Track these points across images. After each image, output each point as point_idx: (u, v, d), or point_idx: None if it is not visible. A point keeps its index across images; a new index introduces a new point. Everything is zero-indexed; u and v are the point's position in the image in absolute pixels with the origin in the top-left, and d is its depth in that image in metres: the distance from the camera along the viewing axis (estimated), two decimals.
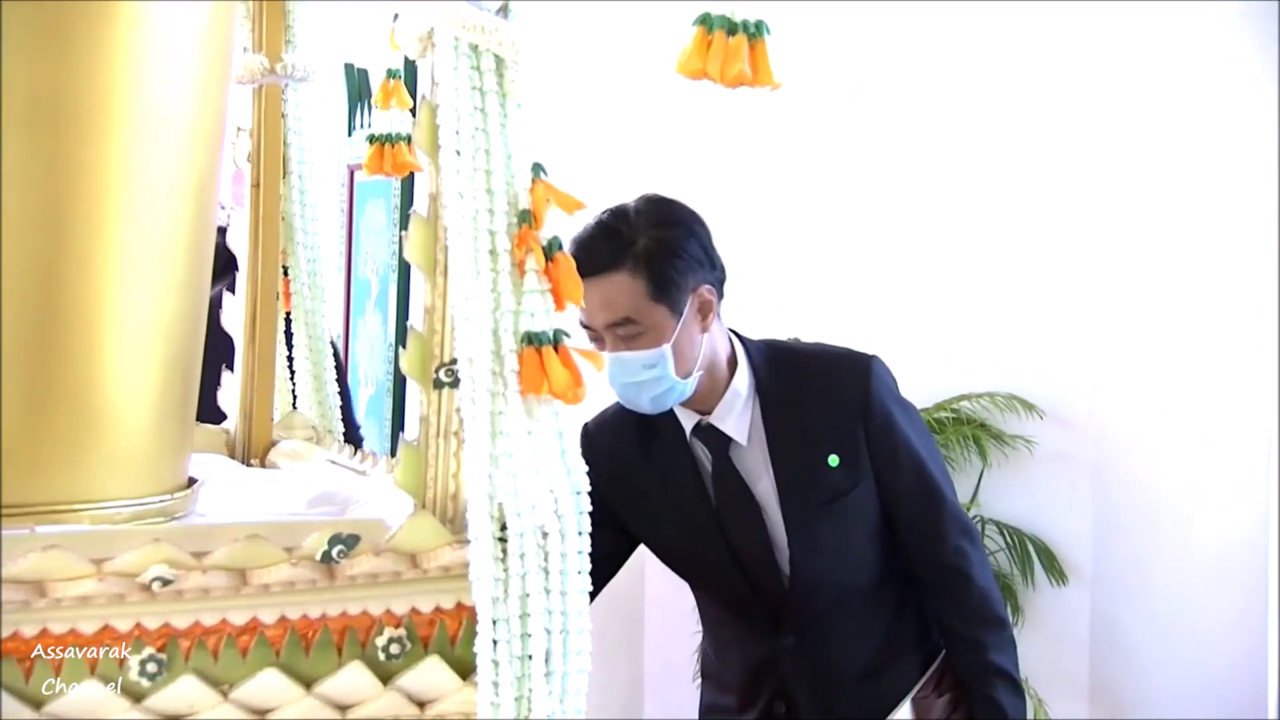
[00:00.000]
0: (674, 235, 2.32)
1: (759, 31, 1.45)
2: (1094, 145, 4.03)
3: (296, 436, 2.28)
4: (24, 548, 1.37)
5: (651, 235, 2.29)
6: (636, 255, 2.27)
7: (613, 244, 2.29)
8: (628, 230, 2.30)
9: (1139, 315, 3.99)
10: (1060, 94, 4.07)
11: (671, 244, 2.29)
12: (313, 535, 1.46)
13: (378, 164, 2.22)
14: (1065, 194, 4.07)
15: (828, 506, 2.32)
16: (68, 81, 1.56)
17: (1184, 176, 3.91)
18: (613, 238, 2.29)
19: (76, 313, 1.59)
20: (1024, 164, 4.12)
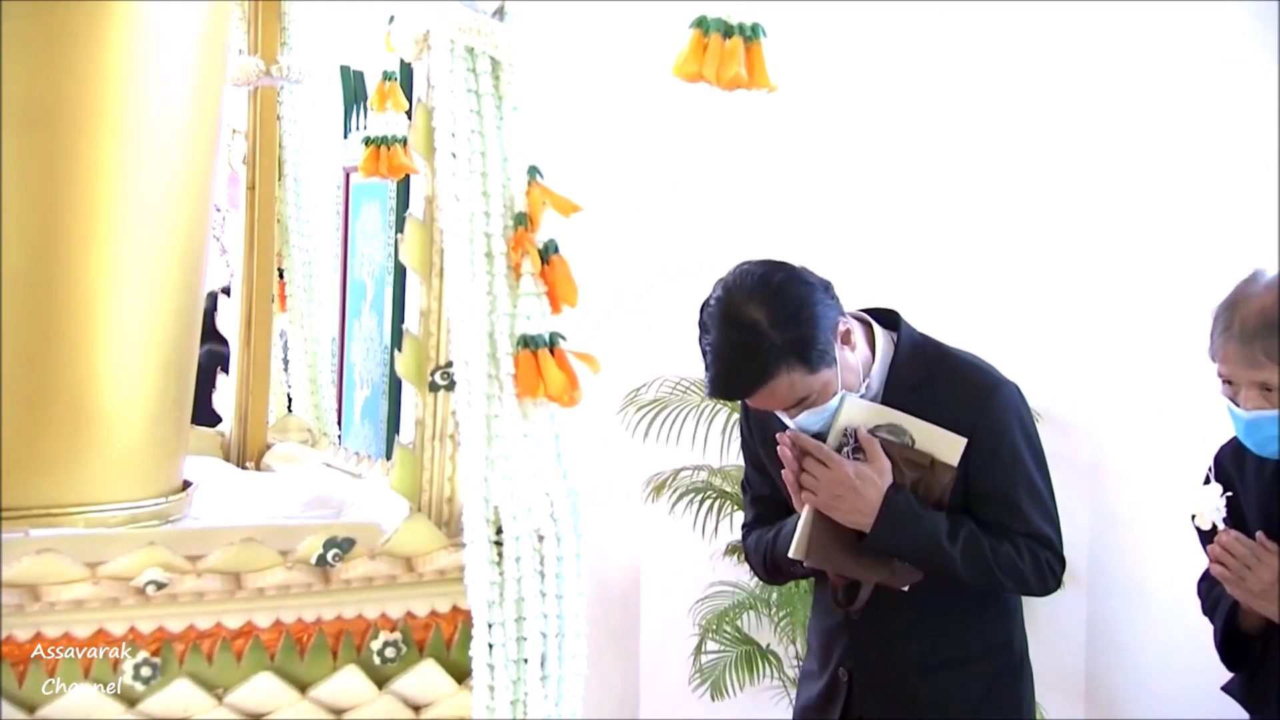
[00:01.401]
0: (801, 316, 2.32)
1: (755, 34, 1.45)
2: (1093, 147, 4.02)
3: (292, 439, 2.28)
4: (18, 551, 1.37)
5: (784, 334, 2.30)
6: (784, 356, 2.30)
7: (757, 361, 2.30)
8: (762, 341, 2.30)
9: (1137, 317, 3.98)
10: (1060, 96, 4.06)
11: (806, 330, 2.30)
12: (308, 539, 1.46)
13: (373, 166, 2.22)
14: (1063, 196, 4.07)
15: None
16: (64, 83, 1.56)
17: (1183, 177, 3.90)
18: (752, 356, 2.31)
19: (71, 316, 1.59)
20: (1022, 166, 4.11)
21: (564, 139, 3.88)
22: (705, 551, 4.12)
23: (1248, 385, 2.31)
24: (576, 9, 4.00)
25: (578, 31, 4.14)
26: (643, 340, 4.24)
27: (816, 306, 2.33)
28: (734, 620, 4.01)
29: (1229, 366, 2.34)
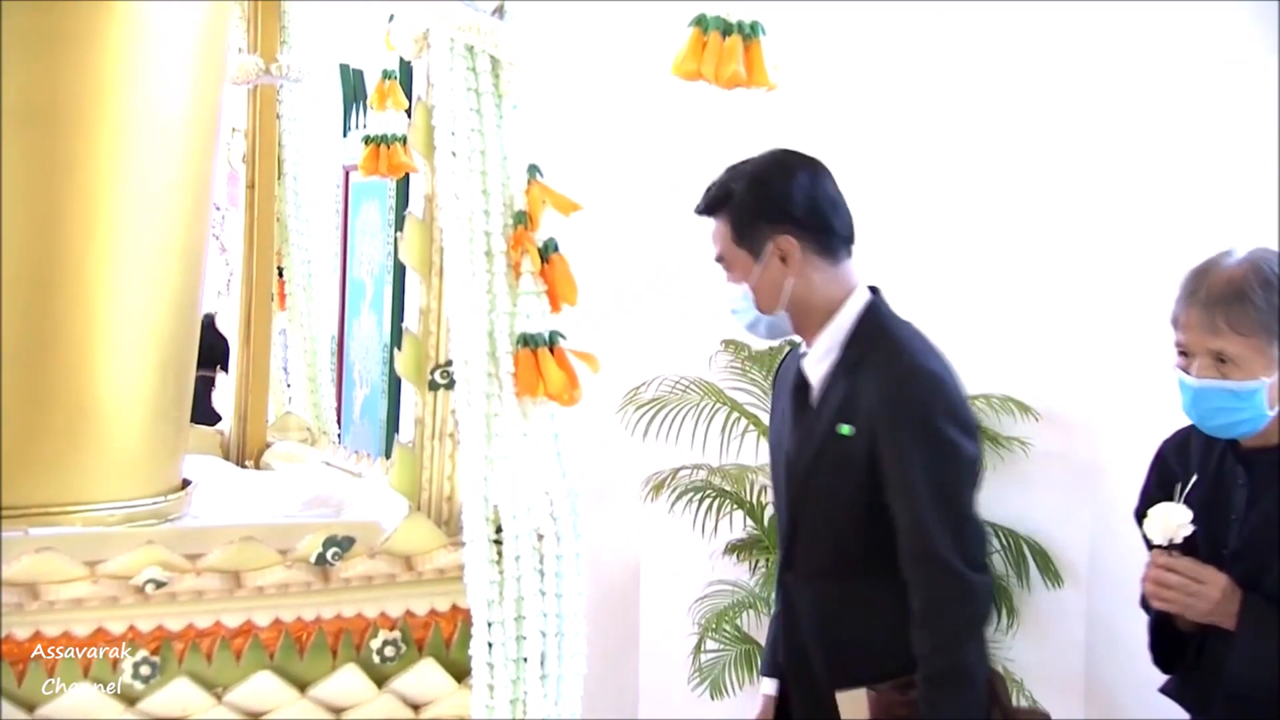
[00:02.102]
0: (768, 191, 2.48)
1: (754, 32, 1.44)
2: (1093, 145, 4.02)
3: (291, 438, 2.28)
4: (18, 550, 1.37)
5: (745, 188, 2.47)
6: (728, 204, 2.47)
7: (715, 192, 2.52)
8: (732, 180, 2.50)
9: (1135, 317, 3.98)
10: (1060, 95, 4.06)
11: (758, 204, 2.46)
12: (307, 537, 1.46)
13: (373, 165, 2.21)
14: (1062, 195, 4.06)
15: (820, 458, 2.37)
16: (63, 82, 1.56)
17: (1183, 177, 3.90)
18: (718, 186, 2.52)
19: (70, 315, 1.59)
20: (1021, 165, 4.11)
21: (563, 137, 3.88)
22: (704, 550, 4.12)
23: (1203, 354, 2.29)
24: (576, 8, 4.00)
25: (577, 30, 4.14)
26: (642, 339, 4.24)
27: (789, 203, 2.46)
28: (733, 619, 4.01)
29: (1189, 333, 2.32)
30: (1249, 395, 2.28)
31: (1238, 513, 2.36)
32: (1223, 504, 2.38)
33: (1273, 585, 2.29)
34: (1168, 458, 2.53)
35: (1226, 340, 2.28)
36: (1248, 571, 2.31)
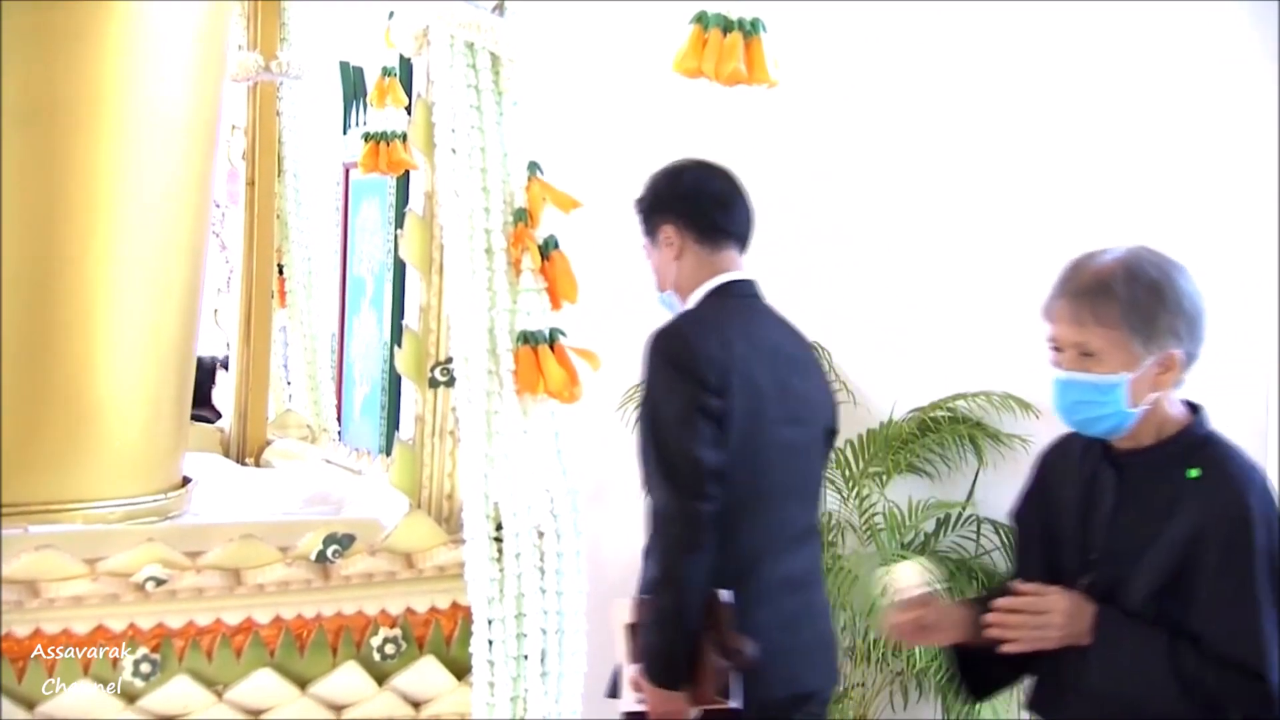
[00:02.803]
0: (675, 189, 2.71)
1: (754, 29, 1.44)
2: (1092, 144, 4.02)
3: (291, 435, 2.28)
4: (18, 548, 1.37)
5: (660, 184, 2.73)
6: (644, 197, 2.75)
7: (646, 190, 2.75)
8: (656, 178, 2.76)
9: None
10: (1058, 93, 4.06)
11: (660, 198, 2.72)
12: (308, 535, 1.46)
13: (373, 162, 2.21)
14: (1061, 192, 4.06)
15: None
16: (63, 80, 1.56)
17: (1183, 176, 3.90)
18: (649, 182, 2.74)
19: (71, 312, 1.58)
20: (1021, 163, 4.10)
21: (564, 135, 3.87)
22: None
23: (1069, 347, 2.28)
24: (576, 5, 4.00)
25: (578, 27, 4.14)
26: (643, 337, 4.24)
27: (672, 198, 2.67)
28: None
29: (1058, 326, 2.31)
30: (1110, 390, 2.25)
31: (1104, 516, 2.33)
32: (1093, 507, 2.35)
33: (1133, 594, 2.27)
34: (1051, 460, 2.51)
35: (1090, 333, 2.25)
36: (1108, 578, 2.29)
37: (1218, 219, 3.84)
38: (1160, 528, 2.24)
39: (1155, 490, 2.27)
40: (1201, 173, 3.86)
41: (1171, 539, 2.22)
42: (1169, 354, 2.23)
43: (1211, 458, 2.28)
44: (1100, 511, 2.33)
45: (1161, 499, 2.26)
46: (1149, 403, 2.26)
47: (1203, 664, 2.20)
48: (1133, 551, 2.27)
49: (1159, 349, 2.23)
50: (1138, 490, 2.29)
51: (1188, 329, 2.25)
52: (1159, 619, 2.23)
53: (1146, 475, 2.29)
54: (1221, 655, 2.18)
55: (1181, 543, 2.22)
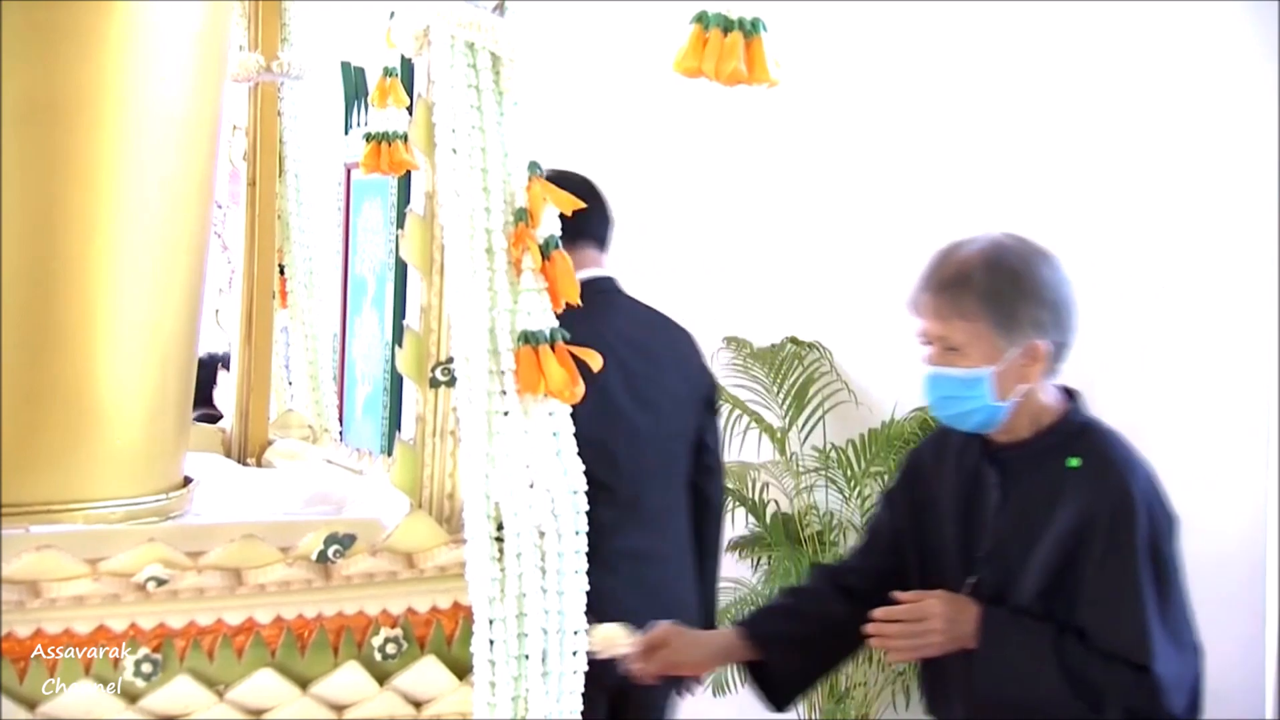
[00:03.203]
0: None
1: (755, 29, 1.44)
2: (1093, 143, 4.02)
3: (293, 435, 2.28)
4: (19, 548, 1.37)
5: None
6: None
7: None
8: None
9: (1137, 313, 3.98)
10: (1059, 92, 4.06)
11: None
12: (309, 535, 1.46)
13: (374, 162, 2.21)
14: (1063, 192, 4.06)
15: None
16: (64, 80, 1.56)
17: (1184, 175, 3.90)
18: None
19: (72, 312, 1.58)
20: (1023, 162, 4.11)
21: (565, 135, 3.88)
22: None
23: (934, 340, 2.26)
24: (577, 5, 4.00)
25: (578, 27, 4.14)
26: None
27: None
28: (735, 616, 4.01)
29: (922, 320, 2.28)
30: (975, 383, 2.22)
31: (988, 514, 2.30)
32: (976, 505, 2.32)
33: (1023, 592, 2.24)
34: (922, 460, 2.48)
35: (951, 327, 2.23)
36: (997, 575, 2.26)
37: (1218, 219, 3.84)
38: (1045, 521, 2.21)
39: (1037, 483, 2.24)
40: (1201, 173, 3.86)
41: (1057, 533, 2.19)
42: (1033, 345, 2.20)
43: (1091, 445, 2.24)
44: (983, 510, 2.29)
45: (1043, 492, 2.23)
46: (1018, 395, 2.22)
47: (1088, 659, 2.17)
48: (1019, 548, 2.23)
49: (1022, 340, 2.20)
50: (1020, 485, 2.26)
51: (1052, 318, 2.22)
52: (1049, 615, 2.20)
53: (1027, 469, 2.26)
54: (1106, 649, 2.15)
55: (1067, 535, 2.19)
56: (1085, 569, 2.17)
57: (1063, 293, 2.24)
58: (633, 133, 4.38)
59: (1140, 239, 3.98)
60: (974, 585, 2.25)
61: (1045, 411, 2.26)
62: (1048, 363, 2.23)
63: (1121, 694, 2.16)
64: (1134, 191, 3.99)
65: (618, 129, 4.38)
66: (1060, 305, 2.23)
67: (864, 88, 4.25)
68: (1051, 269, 2.26)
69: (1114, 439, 2.29)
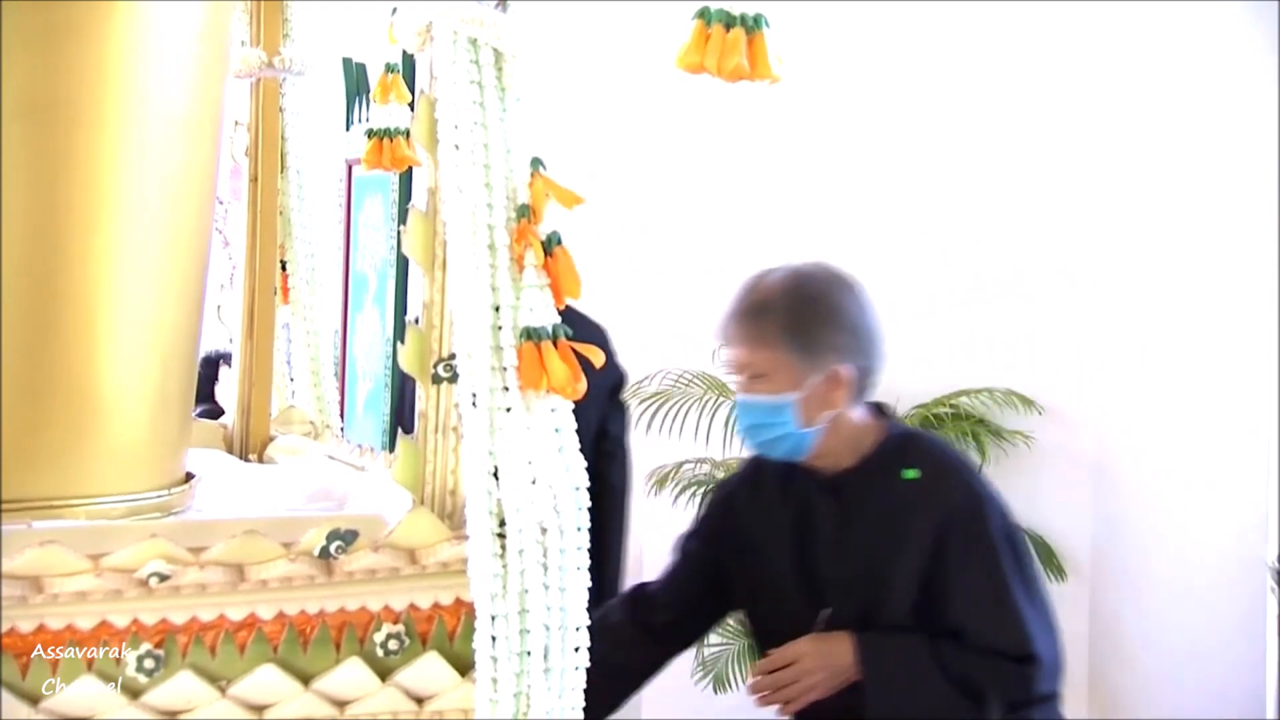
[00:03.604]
0: None
1: (757, 25, 1.44)
2: (1094, 142, 4.03)
3: (294, 431, 2.28)
4: (21, 543, 1.37)
5: None
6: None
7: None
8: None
9: (1138, 311, 3.98)
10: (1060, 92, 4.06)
11: None
12: (311, 531, 1.46)
13: (376, 158, 2.21)
14: (1065, 191, 4.07)
15: None
16: (65, 77, 1.55)
17: (1184, 174, 3.91)
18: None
19: (73, 307, 1.58)
20: (1024, 161, 4.11)
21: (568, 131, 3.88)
22: None
23: (742, 370, 2.28)
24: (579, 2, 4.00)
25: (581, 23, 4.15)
26: (645, 333, 4.24)
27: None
28: None
29: (730, 349, 2.30)
30: (780, 410, 2.23)
31: (827, 542, 2.30)
32: (811, 537, 2.32)
33: (892, 613, 2.25)
34: (735, 497, 2.47)
35: (756, 355, 2.25)
36: (857, 602, 2.26)
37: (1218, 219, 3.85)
38: (898, 537, 2.22)
39: (879, 502, 2.25)
40: (1201, 173, 3.86)
41: (914, 545, 2.20)
42: (835, 371, 2.22)
43: (921, 454, 2.27)
44: (820, 541, 2.29)
45: (888, 509, 2.24)
46: (824, 421, 2.23)
47: (967, 659, 2.19)
48: (877, 570, 2.24)
49: (824, 366, 2.22)
50: (861, 508, 2.26)
51: (853, 344, 2.24)
52: (926, 627, 2.21)
53: (864, 491, 2.27)
54: (987, 646, 2.17)
55: (925, 544, 2.20)
56: (951, 572, 2.19)
57: (863, 319, 2.27)
58: (634, 128, 4.38)
59: (1140, 239, 3.98)
60: (829, 617, 2.25)
61: (863, 433, 2.29)
62: (852, 388, 2.25)
63: (1003, 687, 2.18)
64: (1134, 191, 3.99)
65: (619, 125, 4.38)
66: (860, 330, 2.26)
67: (866, 84, 4.26)
68: (852, 296, 2.29)
69: (939, 444, 2.32)
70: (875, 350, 2.28)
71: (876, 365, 2.28)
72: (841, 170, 4.32)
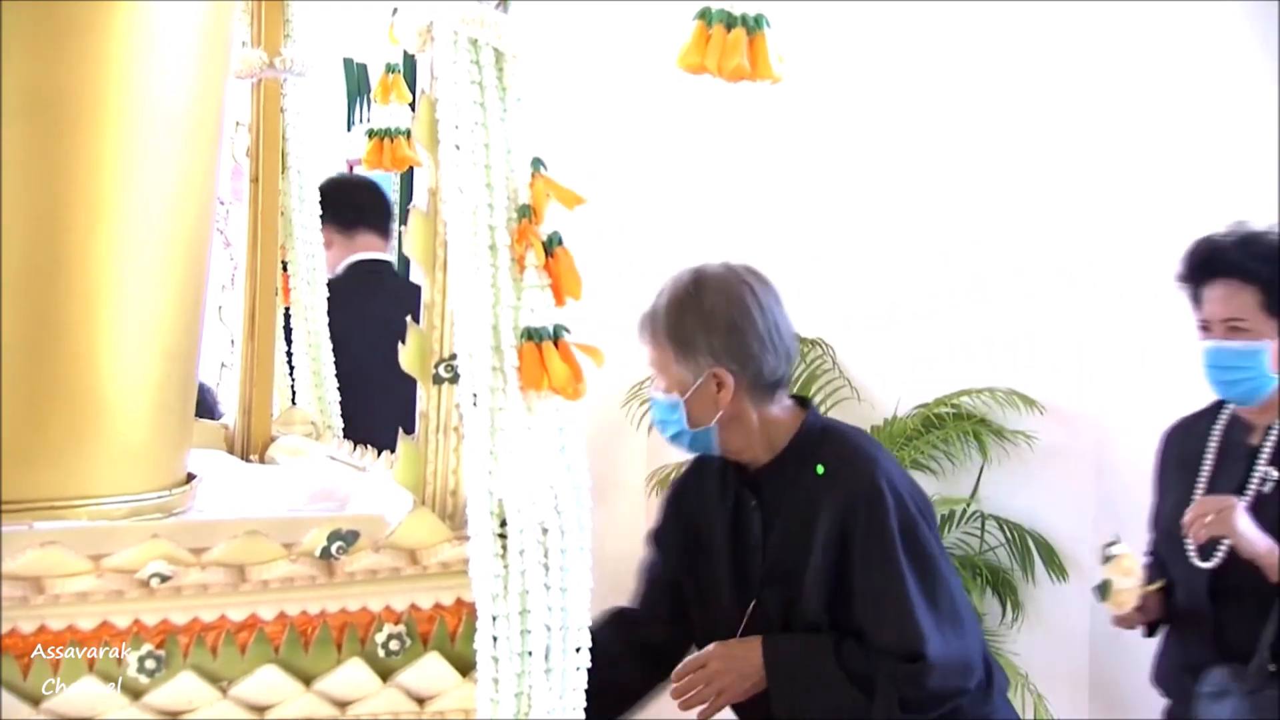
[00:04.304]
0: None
1: (758, 25, 1.44)
2: (1094, 142, 4.02)
3: (296, 432, 2.28)
4: (22, 544, 1.37)
5: None
6: None
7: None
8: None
9: (1139, 310, 3.98)
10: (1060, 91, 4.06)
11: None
12: (312, 531, 1.46)
13: (377, 159, 2.21)
14: (1065, 190, 4.07)
15: None
16: (66, 76, 1.55)
17: (1184, 174, 3.90)
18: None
19: (75, 307, 1.58)
20: (1025, 160, 4.11)
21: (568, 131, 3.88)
22: None
23: (653, 370, 2.33)
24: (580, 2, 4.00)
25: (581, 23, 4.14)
26: None
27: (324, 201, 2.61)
28: None
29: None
30: (674, 409, 2.28)
31: (755, 539, 2.33)
32: (743, 532, 2.35)
33: (809, 611, 2.26)
34: (686, 488, 2.51)
35: (651, 354, 2.33)
36: (780, 597, 2.28)
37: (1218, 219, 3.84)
38: (810, 533, 2.24)
39: (793, 498, 2.27)
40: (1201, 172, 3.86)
41: (821, 541, 2.22)
42: (712, 373, 2.25)
43: (831, 448, 2.28)
44: (750, 535, 2.32)
45: (801, 504, 2.26)
46: (719, 420, 2.26)
47: (867, 658, 2.20)
48: (794, 565, 2.26)
49: (702, 368, 2.25)
50: (779, 503, 2.29)
51: (730, 346, 2.26)
52: (838, 624, 2.23)
53: (782, 486, 2.29)
54: (881, 644, 2.18)
55: (831, 541, 2.22)
56: (855, 569, 2.21)
57: (744, 320, 2.29)
58: (635, 128, 4.38)
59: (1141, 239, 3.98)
60: (752, 611, 2.27)
61: (777, 428, 2.31)
62: (743, 387, 2.27)
63: (893, 686, 2.19)
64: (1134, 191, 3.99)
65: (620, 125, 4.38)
66: (741, 331, 2.29)
67: (867, 84, 4.26)
68: (739, 298, 2.30)
69: (852, 436, 2.32)
70: (764, 350, 2.29)
71: (769, 364, 2.29)
72: (842, 170, 4.31)
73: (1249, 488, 2.64)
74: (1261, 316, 2.62)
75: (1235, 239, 2.66)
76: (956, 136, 4.17)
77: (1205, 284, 2.67)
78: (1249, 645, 2.51)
